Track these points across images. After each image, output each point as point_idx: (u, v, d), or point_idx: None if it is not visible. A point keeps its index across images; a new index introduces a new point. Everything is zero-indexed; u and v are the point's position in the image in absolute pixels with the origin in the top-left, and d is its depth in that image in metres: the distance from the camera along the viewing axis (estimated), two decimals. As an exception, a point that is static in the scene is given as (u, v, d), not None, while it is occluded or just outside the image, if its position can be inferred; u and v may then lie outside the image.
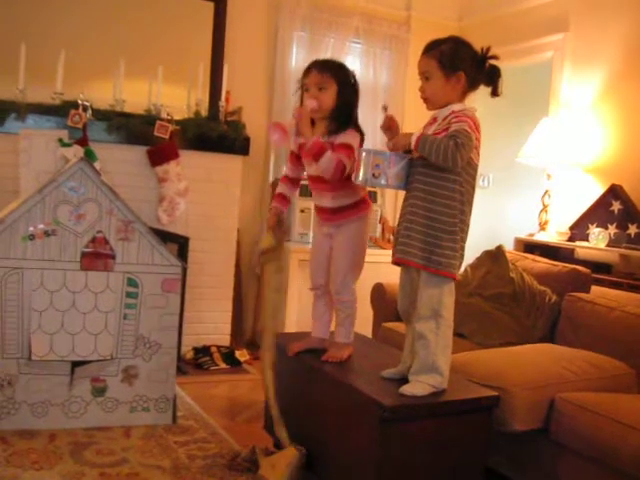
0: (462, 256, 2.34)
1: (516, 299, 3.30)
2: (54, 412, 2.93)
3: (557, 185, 4.26)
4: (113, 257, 2.99)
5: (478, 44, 2.34)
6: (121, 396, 3.04)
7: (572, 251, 3.99)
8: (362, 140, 2.58)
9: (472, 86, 2.34)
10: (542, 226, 4.21)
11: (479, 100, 2.82)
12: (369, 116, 4.76)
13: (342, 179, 2.49)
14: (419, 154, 2.24)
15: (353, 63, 4.81)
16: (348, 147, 2.47)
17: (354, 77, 2.62)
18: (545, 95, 4.45)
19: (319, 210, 2.69)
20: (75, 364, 2.94)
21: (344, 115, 2.54)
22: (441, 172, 2.23)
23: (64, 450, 2.73)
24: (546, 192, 4.23)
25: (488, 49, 2.32)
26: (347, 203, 2.59)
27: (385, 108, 2.47)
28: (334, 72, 2.55)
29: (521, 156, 4.20)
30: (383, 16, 4.91)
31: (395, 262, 2.38)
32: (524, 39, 4.55)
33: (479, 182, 5.20)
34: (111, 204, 2.99)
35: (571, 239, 4.00)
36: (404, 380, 2.33)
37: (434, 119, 2.35)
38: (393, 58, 4.86)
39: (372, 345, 2.96)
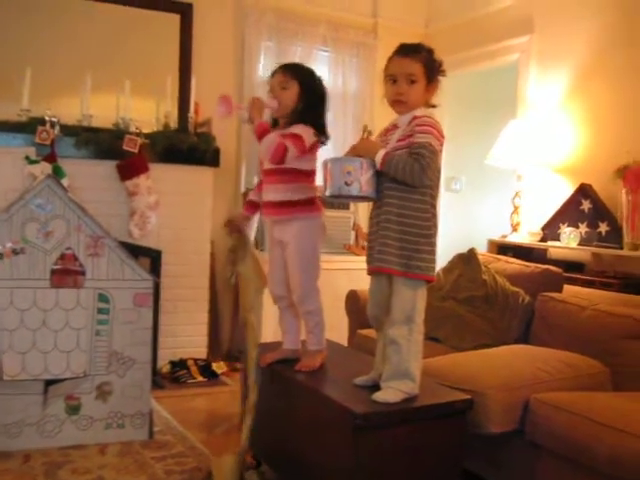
0: (435, 259, 2.34)
1: (489, 301, 3.32)
2: (28, 432, 2.90)
3: (527, 186, 4.30)
4: (83, 273, 2.97)
5: (445, 49, 2.40)
6: (96, 413, 3.01)
7: (545, 251, 4.02)
8: (321, 143, 2.59)
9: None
10: (514, 227, 4.24)
11: (447, 105, 2.85)
12: (339, 123, 4.79)
13: (281, 163, 2.47)
14: (385, 172, 2.24)
15: (321, 71, 4.79)
16: (295, 136, 2.48)
17: (320, 82, 2.64)
18: (513, 97, 4.48)
19: (265, 205, 2.65)
20: (48, 382, 2.92)
21: (304, 116, 2.55)
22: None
23: (39, 471, 2.71)
24: (517, 193, 4.26)
25: (441, 63, 2.35)
26: (294, 198, 2.56)
27: (365, 128, 2.49)
28: (297, 73, 2.58)
29: (490, 158, 4.23)
30: (350, 24, 4.93)
31: (372, 271, 2.37)
32: (490, 42, 4.60)
33: (451, 185, 5.24)
34: (79, 220, 2.97)
35: (543, 239, 4.03)
36: (376, 387, 2.32)
37: (394, 125, 2.37)
38: (361, 65, 4.89)
39: (345, 353, 2.96)
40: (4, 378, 2.83)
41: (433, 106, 2.36)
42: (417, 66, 2.27)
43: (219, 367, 4.25)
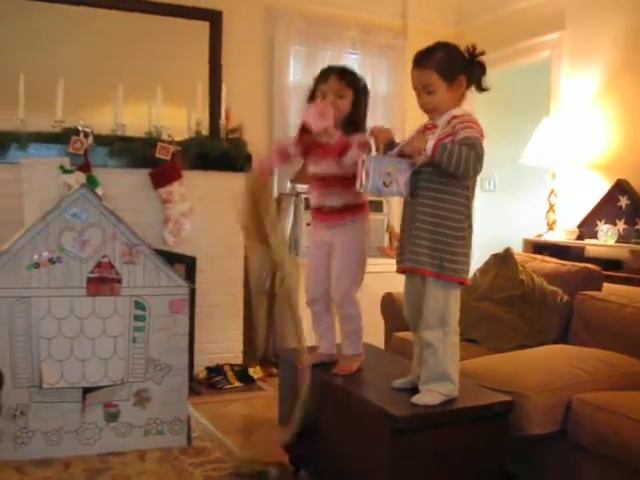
0: (470, 261, 2.31)
1: (527, 301, 3.27)
2: (68, 439, 2.92)
3: (563, 184, 4.23)
4: (119, 281, 2.99)
5: (479, 46, 2.33)
6: (134, 420, 3.02)
7: (582, 249, 3.96)
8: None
9: (468, 86, 2.32)
10: (550, 226, 4.18)
11: (478, 103, 2.80)
12: (369, 125, 4.76)
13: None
14: (422, 158, 2.20)
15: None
16: (366, 145, 2.44)
17: (365, 85, 2.62)
18: (545, 95, 4.42)
19: (321, 211, 2.63)
20: (86, 390, 2.93)
21: (355, 122, 2.54)
22: (449, 178, 2.20)
23: (79, 477, 2.72)
24: (552, 191, 4.20)
25: (474, 47, 2.31)
26: (352, 202, 2.56)
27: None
28: (352, 80, 2.55)
29: (524, 157, 4.18)
30: (379, 25, 4.92)
31: (402, 271, 2.35)
32: (521, 39, 4.55)
33: (485, 185, 5.18)
34: (114, 228, 2.99)
35: (580, 237, 3.97)
36: (415, 390, 2.29)
37: (433, 125, 2.33)
38: (391, 67, 4.87)
39: (382, 356, 2.94)
40: (43, 386, 2.85)
41: (482, 89, 2.31)
42: (430, 74, 2.23)
43: (255, 372, 4.25)
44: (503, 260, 3.49)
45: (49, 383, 2.86)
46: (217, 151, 4.26)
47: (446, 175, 2.19)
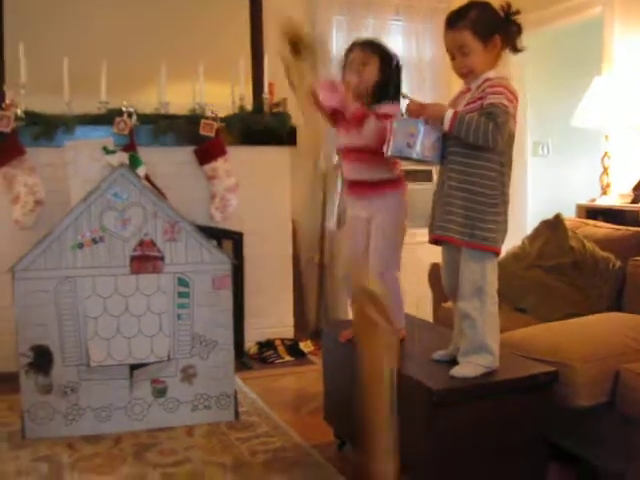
0: (505, 230, 2.23)
1: (577, 268, 3.16)
2: (117, 416, 2.99)
3: (616, 146, 4.06)
4: (162, 258, 3.02)
5: (523, 7, 2.23)
6: (182, 396, 3.06)
7: (637, 213, 3.79)
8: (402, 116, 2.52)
9: (504, 47, 2.23)
10: (604, 190, 4.02)
11: (528, 67, 2.68)
12: (415, 93, 4.66)
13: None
14: (455, 133, 2.14)
15: (395, 41, 4.72)
16: (389, 116, 2.39)
17: (396, 56, 2.60)
18: (597, 54, 4.23)
19: (355, 184, 2.62)
20: (133, 367, 2.99)
21: (385, 90, 2.52)
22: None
23: (128, 452, 2.78)
24: (605, 154, 4.03)
25: (509, 5, 2.22)
26: (386, 177, 2.54)
27: (404, 96, 2.43)
28: (376, 49, 2.56)
29: (575, 119, 4.02)
30: (422, -11, 4.79)
31: (434, 240, 2.30)
32: (570, -4, 4.36)
33: (538, 150, 5.02)
34: (155, 206, 3.01)
35: (635, 201, 3.80)
36: (455, 362, 2.25)
37: (468, 88, 2.26)
38: (435, 32, 4.72)
39: (425, 327, 2.88)
40: (91, 364, 2.91)
41: (517, 49, 2.21)
42: (464, 35, 2.15)
43: (306, 346, 4.25)
44: (553, 226, 3.37)
45: (96, 361, 2.92)
46: (261, 126, 4.24)
47: (477, 148, 2.12)
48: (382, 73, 2.52)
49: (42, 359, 2.91)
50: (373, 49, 2.55)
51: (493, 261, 2.22)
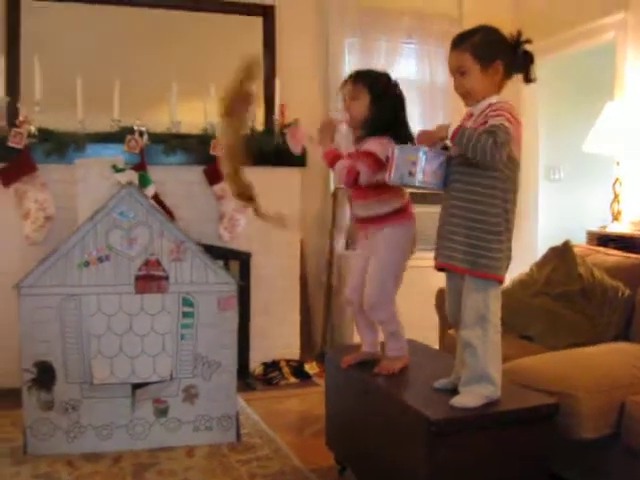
0: (509, 257, 2.21)
1: (586, 296, 3.12)
2: (119, 434, 2.98)
3: (628, 172, 4.03)
4: (167, 278, 3.02)
5: (535, 33, 2.23)
6: (183, 416, 3.05)
7: (649, 241, 3.76)
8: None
9: (508, 75, 2.23)
10: (615, 217, 3.99)
11: (541, 92, 2.66)
12: (428, 116, 4.68)
13: (356, 185, 2.45)
14: (455, 147, 2.14)
15: (408, 64, 4.74)
16: (367, 154, 2.43)
17: (394, 86, 2.56)
18: (609, 79, 4.21)
19: (355, 220, 2.69)
20: (136, 386, 2.98)
21: (375, 125, 2.48)
22: (480, 170, 2.12)
23: (127, 472, 2.77)
24: (617, 180, 4.00)
25: (519, 33, 2.21)
26: (379, 213, 2.52)
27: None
28: (367, 82, 2.51)
29: (587, 144, 4.00)
30: (434, 13, 4.79)
31: (438, 267, 2.29)
32: (582, 22, 4.34)
33: (550, 175, 5.00)
34: (161, 226, 3.01)
35: (646, 229, 3.77)
36: (457, 391, 2.22)
37: (470, 114, 2.26)
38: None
39: (429, 354, 2.85)
40: (94, 382, 2.91)
41: (529, 79, 2.21)
42: (464, 56, 2.15)
43: (311, 368, 4.23)
44: (561, 253, 3.34)
45: (99, 379, 2.92)
46: (271, 146, 4.25)
47: (477, 167, 2.11)
48: (372, 107, 2.48)
49: (45, 375, 2.91)
50: (364, 82, 2.50)
51: (496, 289, 2.20)
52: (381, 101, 2.49)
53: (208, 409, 3.07)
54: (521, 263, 3.55)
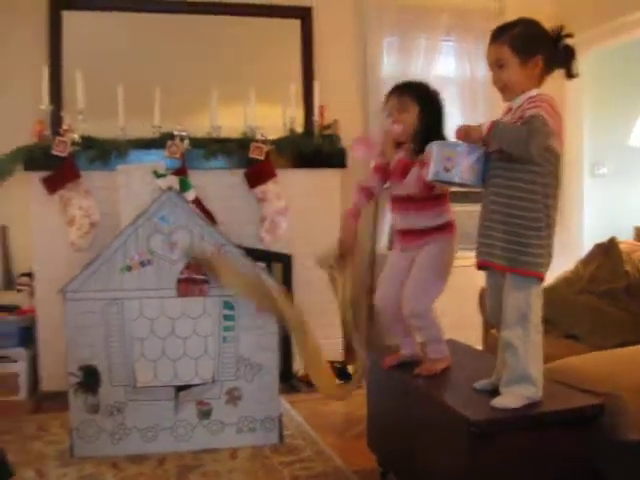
0: (550, 254, 2.17)
1: (631, 294, 3.06)
2: (163, 436, 3.01)
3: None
4: (208, 282, 3.04)
5: (577, 26, 2.20)
6: (226, 418, 3.07)
7: (699, 237, 3.66)
8: None
9: (548, 69, 2.18)
10: (663, 212, 3.89)
11: (586, 86, 2.61)
12: (469, 114, 4.63)
13: (429, 194, 2.44)
14: (491, 142, 2.10)
15: (447, 62, 4.69)
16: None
17: (437, 96, 2.56)
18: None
19: (403, 233, 2.61)
20: (179, 388, 3.01)
21: (428, 135, 2.45)
22: (520, 164, 2.08)
23: (171, 474, 2.80)
24: (664, 174, 3.91)
25: (561, 27, 2.17)
26: (434, 224, 2.50)
27: None
28: (414, 94, 2.52)
29: (634, 138, 3.90)
30: (474, 9, 4.73)
31: (479, 265, 2.26)
32: (627, 12, 4.23)
33: (595, 171, 4.89)
34: (201, 230, 3.04)
35: (695, 223, 3.67)
36: (498, 392, 2.19)
37: (509, 109, 2.22)
38: (488, 52, 4.69)
39: (470, 354, 2.81)
40: (137, 385, 2.96)
41: (571, 75, 2.17)
42: (503, 49, 2.11)
43: (355, 369, 4.21)
44: (607, 250, 3.29)
45: (143, 382, 2.97)
46: (311, 148, 4.26)
47: (516, 162, 2.07)
48: (422, 118, 2.48)
49: (90, 379, 2.96)
50: (410, 94, 2.50)
51: (538, 288, 2.15)
52: (428, 110, 2.50)
53: (251, 411, 3.09)
54: (566, 260, 3.49)
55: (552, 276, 2.26)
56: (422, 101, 2.50)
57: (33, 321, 3.88)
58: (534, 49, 2.13)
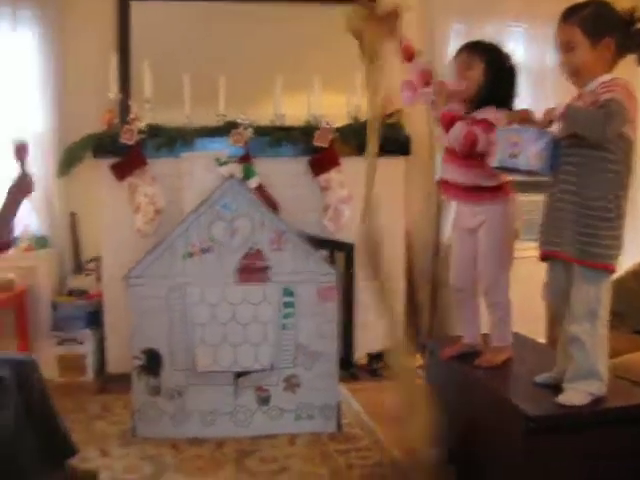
0: (620, 246, 2.09)
1: None
2: (222, 421, 3.05)
3: None
4: (268, 269, 3.06)
5: None
6: (285, 404, 3.09)
7: None
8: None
9: (620, 53, 2.10)
10: None
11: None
12: (539, 102, 4.50)
13: (473, 153, 2.37)
14: (565, 125, 2.03)
15: (516, 48, 4.56)
16: (485, 122, 2.36)
17: (508, 57, 2.52)
18: None
19: (449, 185, 2.56)
20: (238, 374, 3.04)
21: (492, 95, 2.43)
22: (591, 151, 2.01)
23: (229, 457, 2.84)
24: None
25: (633, 9, 2.08)
26: (483, 184, 2.44)
27: None
28: (480, 50, 2.49)
29: None
30: (544, -7, 4.60)
31: (542, 256, 2.19)
32: None
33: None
34: (262, 217, 3.06)
35: None
36: (558, 386, 2.13)
37: (579, 95, 2.14)
38: (559, 37, 4.55)
39: (533, 347, 2.75)
40: (198, 370, 3.00)
41: None
42: (573, 30, 2.04)
43: (416, 360, 4.17)
44: (680, 243, 3.15)
45: (203, 367, 3.01)
46: (375, 136, 4.21)
47: (588, 148, 2.00)
48: (487, 77, 2.43)
49: (153, 362, 3.03)
50: (479, 52, 2.47)
51: (608, 280, 2.08)
52: (494, 69, 2.45)
53: (310, 398, 3.10)
54: (636, 252, 3.37)
55: (621, 268, 2.17)
56: (489, 61, 2.46)
57: (100, 305, 3.97)
58: (605, 31, 2.05)
